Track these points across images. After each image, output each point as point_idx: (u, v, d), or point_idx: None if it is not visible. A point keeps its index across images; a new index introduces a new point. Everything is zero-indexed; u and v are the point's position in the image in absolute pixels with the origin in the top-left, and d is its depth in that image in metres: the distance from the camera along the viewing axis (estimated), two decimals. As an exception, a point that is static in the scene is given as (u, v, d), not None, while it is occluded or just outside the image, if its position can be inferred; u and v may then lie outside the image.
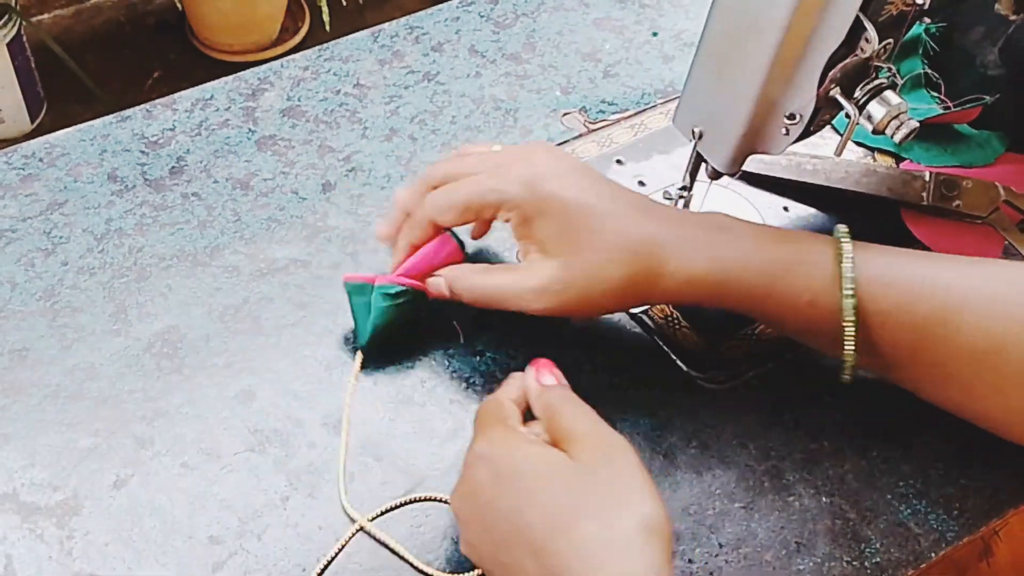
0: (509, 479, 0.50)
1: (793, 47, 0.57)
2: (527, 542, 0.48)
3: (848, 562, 0.59)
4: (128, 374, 0.64)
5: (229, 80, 0.80)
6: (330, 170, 0.75)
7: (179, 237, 0.70)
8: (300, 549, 0.57)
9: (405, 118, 0.79)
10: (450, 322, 0.66)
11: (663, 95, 0.82)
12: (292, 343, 0.66)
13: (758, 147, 0.63)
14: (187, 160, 0.75)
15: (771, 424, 0.64)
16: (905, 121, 0.58)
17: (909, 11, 0.57)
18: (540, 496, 0.49)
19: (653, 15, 0.88)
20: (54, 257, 0.69)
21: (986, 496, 0.62)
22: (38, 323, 0.66)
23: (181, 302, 0.67)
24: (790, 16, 0.56)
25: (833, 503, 0.61)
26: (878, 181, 0.73)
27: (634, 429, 0.63)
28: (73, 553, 0.57)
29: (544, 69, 0.83)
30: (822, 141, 0.78)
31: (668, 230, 0.59)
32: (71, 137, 0.75)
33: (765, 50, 0.58)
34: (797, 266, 0.58)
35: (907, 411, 0.64)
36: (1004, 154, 0.77)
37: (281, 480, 0.60)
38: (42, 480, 0.59)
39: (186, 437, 0.61)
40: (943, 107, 0.77)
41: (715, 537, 0.59)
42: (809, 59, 0.58)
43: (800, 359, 0.67)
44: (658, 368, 0.66)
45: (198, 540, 0.57)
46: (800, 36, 0.57)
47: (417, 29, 0.85)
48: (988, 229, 0.71)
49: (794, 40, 0.57)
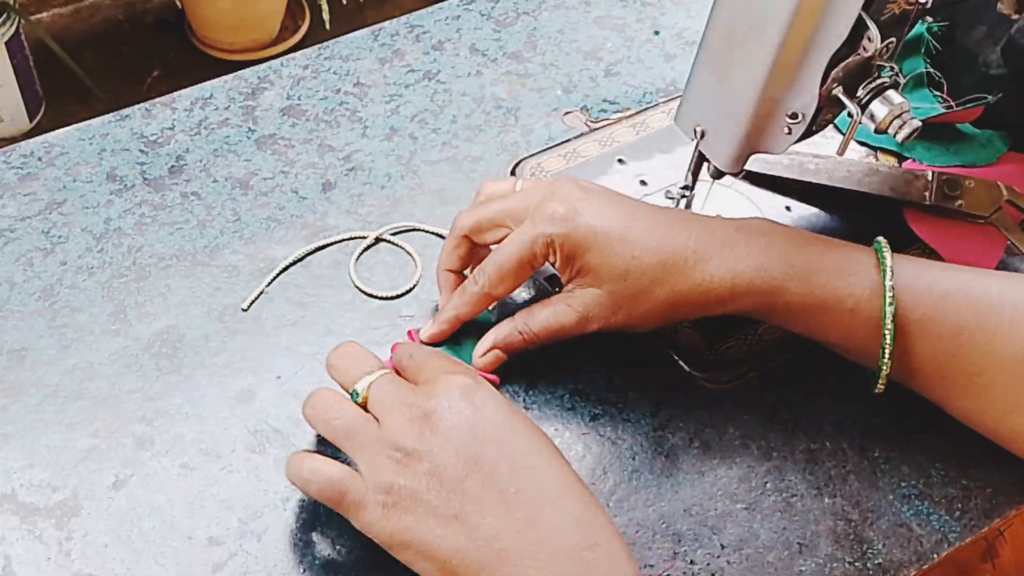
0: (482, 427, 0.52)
1: (795, 46, 0.57)
2: (491, 480, 0.50)
3: (850, 563, 0.59)
4: (127, 374, 0.63)
5: (229, 79, 0.80)
6: (330, 169, 0.75)
7: (178, 237, 0.70)
8: (300, 549, 0.57)
9: (406, 117, 0.78)
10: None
11: (665, 94, 0.81)
12: (292, 343, 0.65)
13: (760, 146, 0.63)
14: (186, 159, 0.74)
15: (772, 424, 0.64)
16: (907, 120, 0.58)
17: (911, 10, 0.57)
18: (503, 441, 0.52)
19: (655, 13, 0.87)
20: (53, 257, 0.69)
21: (987, 496, 0.62)
22: (37, 323, 0.65)
23: (180, 302, 0.67)
24: (792, 15, 0.56)
25: (835, 504, 0.61)
26: (880, 180, 0.73)
27: (635, 429, 0.63)
28: (72, 554, 0.56)
29: (545, 68, 0.83)
30: (824, 140, 0.77)
31: (710, 240, 0.60)
32: (70, 136, 0.75)
33: (767, 49, 0.58)
34: (842, 273, 0.59)
35: (908, 411, 0.64)
36: (1006, 154, 0.76)
37: (281, 480, 0.60)
38: (41, 480, 0.59)
39: (186, 437, 0.61)
40: (945, 106, 0.77)
41: (717, 538, 0.59)
42: (811, 58, 0.57)
43: (800, 359, 0.66)
44: (658, 368, 0.66)
45: (198, 541, 0.57)
46: (802, 35, 0.57)
47: (418, 28, 0.85)
48: (990, 229, 0.71)
49: (796, 39, 0.57)
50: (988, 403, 0.59)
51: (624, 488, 0.61)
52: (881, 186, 0.73)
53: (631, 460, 0.62)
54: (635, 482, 0.61)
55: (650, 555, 0.58)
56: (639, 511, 0.60)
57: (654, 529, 0.59)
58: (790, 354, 0.67)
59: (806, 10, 0.55)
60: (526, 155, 0.76)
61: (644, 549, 0.58)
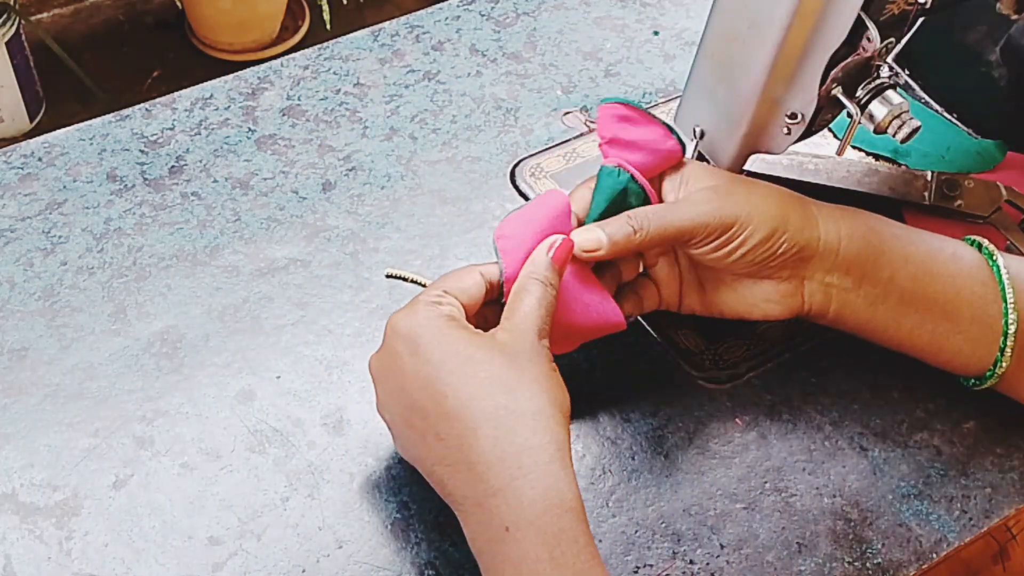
0: (426, 353, 0.53)
1: (794, 46, 0.57)
2: (440, 408, 0.52)
3: (850, 563, 0.59)
4: (127, 374, 0.63)
5: (229, 79, 0.80)
6: (330, 169, 0.75)
7: (178, 237, 0.70)
8: (300, 549, 0.57)
9: (405, 117, 0.78)
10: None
11: (664, 94, 0.81)
12: (292, 343, 0.65)
13: (760, 146, 0.63)
14: (187, 159, 0.74)
15: (772, 424, 0.64)
16: (907, 120, 0.58)
17: (911, 10, 0.57)
18: (455, 369, 0.52)
19: (654, 14, 0.87)
20: (53, 257, 0.69)
21: (987, 496, 0.62)
22: (37, 323, 0.65)
23: (180, 302, 0.67)
24: (791, 15, 0.56)
25: (834, 503, 0.61)
26: (880, 181, 0.73)
27: (635, 429, 0.63)
28: (72, 553, 0.56)
29: (545, 68, 0.83)
30: (823, 140, 0.77)
31: (819, 204, 0.61)
32: (70, 136, 0.75)
33: (767, 49, 0.58)
34: (950, 255, 0.61)
35: (908, 411, 0.64)
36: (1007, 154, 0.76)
37: (281, 480, 0.60)
38: (41, 480, 0.59)
39: (186, 437, 0.61)
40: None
41: (716, 538, 0.59)
42: (811, 58, 0.57)
43: (800, 359, 0.66)
44: (658, 368, 0.66)
45: (198, 540, 0.57)
46: (801, 35, 0.57)
47: (417, 28, 0.85)
48: (990, 229, 0.71)
49: (795, 39, 0.57)
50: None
51: (624, 488, 0.61)
52: (880, 186, 0.73)
53: (631, 460, 0.62)
54: (635, 482, 0.61)
55: (650, 555, 0.58)
56: (639, 511, 0.60)
57: (653, 529, 0.59)
58: (790, 354, 0.67)
59: (806, 10, 0.55)
60: (526, 155, 0.76)
61: (644, 549, 0.59)
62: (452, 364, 0.53)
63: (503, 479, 0.50)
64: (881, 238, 0.60)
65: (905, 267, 0.60)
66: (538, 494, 0.50)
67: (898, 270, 0.60)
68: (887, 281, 0.60)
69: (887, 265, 0.60)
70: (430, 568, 0.57)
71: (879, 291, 0.60)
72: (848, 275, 0.60)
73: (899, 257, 0.60)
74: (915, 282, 0.60)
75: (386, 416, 0.57)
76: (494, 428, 0.51)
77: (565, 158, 0.76)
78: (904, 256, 0.60)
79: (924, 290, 0.60)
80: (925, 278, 0.60)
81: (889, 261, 0.60)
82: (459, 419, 0.52)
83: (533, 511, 0.50)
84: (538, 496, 0.50)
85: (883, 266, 0.60)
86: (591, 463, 0.62)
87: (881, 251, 0.60)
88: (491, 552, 0.51)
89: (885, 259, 0.60)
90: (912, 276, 0.60)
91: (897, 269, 0.60)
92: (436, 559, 0.57)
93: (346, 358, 0.65)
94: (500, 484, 0.50)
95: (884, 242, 0.60)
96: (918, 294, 0.60)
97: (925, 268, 0.60)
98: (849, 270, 0.60)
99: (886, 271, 0.60)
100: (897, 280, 0.60)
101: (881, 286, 0.60)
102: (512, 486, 0.50)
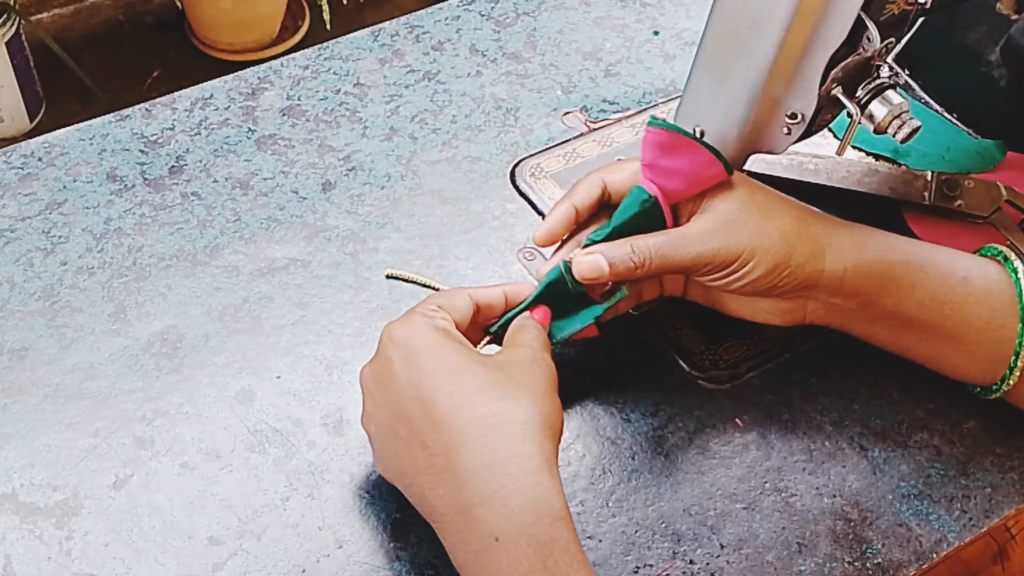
0: (420, 362, 0.53)
1: (794, 46, 0.57)
2: (428, 416, 0.52)
3: (850, 563, 0.59)
4: (127, 374, 0.63)
5: (229, 79, 0.80)
6: (330, 169, 0.75)
7: (178, 237, 0.70)
8: (300, 549, 0.57)
9: (405, 117, 0.78)
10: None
11: (664, 94, 0.81)
12: (292, 343, 0.65)
13: (760, 146, 0.63)
14: (186, 159, 0.74)
15: (772, 424, 0.64)
16: (907, 120, 0.58)
17: (911, 10, 0.57)
18: (448, 378, 0.53)
19: (654, 14, 0.87)
20: (53, 257, 0.69)
21: (987, 496, 0.62)
22: (37, 323, 0.65)
23: (180, 302, 0.67)
24: (791, 15, 0.56)
25: (834, 503, 0.61)
26: (880, 181, 0.73)
27: (635, 429, 0.63)
28: (72, 553, 0.56)
29: (545, 68, 0.83)
30: (823, 140, 0.77)
31: (831, 230, 0.61)
32: (70, 136, 0.75)
33: (766, 49, 0.58)
34: (961, 279, 0.60)
35: (908, 411, 0.64)
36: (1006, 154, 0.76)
37: (281, 480, 0.60)
38: (41, 480, 0.59)
39: (186, 437, 0.61)
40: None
41: (716, 538, 0.59)
42: (811, 58, 0.57)
43: (800, 359, 0.66)
44: (658, 368, 0.66)
45: (198, 540, 0.57)
46: (801, 35, 0.57)
47: (417, 28, 0.85)
48: (990, 229, 0.71)
49: (795, 39, 0.57)
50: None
51: (624, 488, 0.61)
52: (880, 186, 0.73)
53: (631, 460, 0.62)
54: (635, 482, 0.61)
55: (650, 555, 0.58)
56: (639, 511, 0.60)
57: (653, 529, 0.59)
58: (790, 354, 0.67)
59: (805, 10, 0.55)
60: (526, 155, 0.76)
61: (644, 549, 0.59)
62: (445, 373, 0.53)
63: (490, 486, 0.50)
64: (890, 267, 0.60)
65: (912, 295, 0.60)
66: (527, 502, 0.49)
67: (904, 298, 0.60)
68: (892, 306, 0.60)
69: (893, 293, 0.60)
70: (430, 568, 0.57)
71: (882, 313, 0.61)
72: (851, 299, 0.60)
73: (906, 286, 0.60)
74: (921, 308, 0.60)
75: (371, 428, 0.56)
76: (481, 435, 0.51)
77: (565, 158, 0.76)
78: (912, 284, 0.60)
79: (930, 316, 0.60)
80: (932, 304, 0.60)
81: (896, 289, 0.60)
82: (447, 427, 0.51)
83: (523, 519, 0.49)
84: (527, 504, 0.49)
85: (889, 294, 0.60)
86: (591, 463, 0.62)
87: (889, 279, 0.60)
88: (478, 563, 0.50)
89: (892, 287, 0.60)
90: (919, 302, 0.60)
91: (903, 297, 0.60)
92: (436, 559, 0.57)
93: (346, 358, 0.65)
94: (487, 491, 0.50)
95: (892, 271, 0.60)
96: (923, 319, 0.60)
97: (933, 295, 0.60)
98: (853, 295, 0.60)
99: (891, 299, 0.60)
100: (902, 307, 0.60)
101: (885, 310, 0.61)
102: (500, 494, 0.50)
